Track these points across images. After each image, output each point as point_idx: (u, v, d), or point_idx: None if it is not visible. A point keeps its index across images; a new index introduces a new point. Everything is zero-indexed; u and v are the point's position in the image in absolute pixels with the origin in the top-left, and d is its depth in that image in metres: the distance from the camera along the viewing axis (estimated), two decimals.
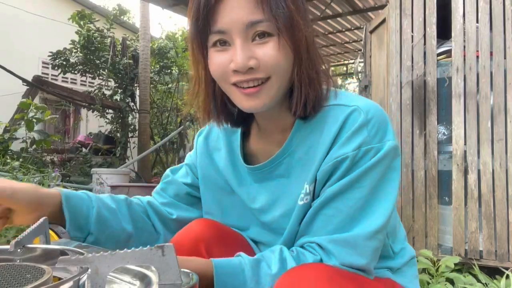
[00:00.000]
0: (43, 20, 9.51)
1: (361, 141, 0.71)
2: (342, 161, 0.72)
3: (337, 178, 0.72)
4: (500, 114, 2.24)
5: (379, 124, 0.73)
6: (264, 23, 0.69)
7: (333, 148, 0.73)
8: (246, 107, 0.74)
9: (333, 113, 0.76)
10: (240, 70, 0.70)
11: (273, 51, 0.70)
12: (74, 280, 0.45)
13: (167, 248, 0.48)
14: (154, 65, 8.82)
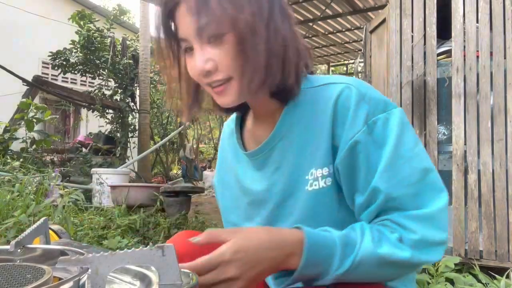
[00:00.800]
0: (43, 20, 9.50)
1: (365, 115, 0.70)
2: (355, 146, 0.70)
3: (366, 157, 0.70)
4: (500, 114, 2.24)
5: (372, 94, 0.73)
6: (210, 26, 0.70)
7: (337, 128, 0.72)
8: (221, 103, 0.76)
9: (323, 93, 0.75)
10: (200, 74, 0.72)
11: (225, 50, 0.71)
12: (74, 280, 0.45)
13: (167, 248, 0.48)
14: (154, 65, 8.82)
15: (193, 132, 12.25)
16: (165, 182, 7.25)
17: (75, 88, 8.78)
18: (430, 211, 0.67)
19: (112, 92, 8.19)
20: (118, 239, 2.72)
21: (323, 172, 0.74)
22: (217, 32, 0.70)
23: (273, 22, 0.73)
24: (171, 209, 3.88)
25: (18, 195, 2.78)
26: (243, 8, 0.70)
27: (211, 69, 0.71)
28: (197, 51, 0.72)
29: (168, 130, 9.53)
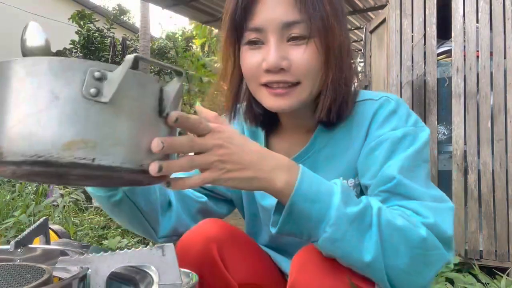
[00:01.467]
0: (43, 20, 9.51)
1: (395, 124, 0.72)
2: (381, 142, 0.71)
3: (384, 157, 0.69)
4: (500, 114, 2.24)
5: (408, 111, 0.75)
6: (300, 25, 0.68)
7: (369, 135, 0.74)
8: (272, 106, 0.73)
9: (361, 109, 0.76)
10: (272, 69, 0.69)
11: (306, 55, 0.69)
12: (74, 280, 0.45)
13: (167, 248, 0.48)
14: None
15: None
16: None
17: None
18: (442, 206, 0.67)
19: None
20: (118, 239, 2.72)
21: (354, 181, 0.76)
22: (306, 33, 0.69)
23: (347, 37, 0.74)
24: None
25: (18, 195, 2.78)
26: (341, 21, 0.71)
27: (285, 67, 0.69)
28: (274, 46, 0.69)
29: None
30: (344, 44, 0.73)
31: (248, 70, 0.73)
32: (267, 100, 0.73)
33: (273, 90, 0.71)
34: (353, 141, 0.76)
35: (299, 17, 0.68)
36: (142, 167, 0.49)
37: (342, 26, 0.72)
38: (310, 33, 0.68)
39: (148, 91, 0.51)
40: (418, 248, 0.61)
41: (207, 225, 0.81)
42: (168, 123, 0.53)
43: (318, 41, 0.69)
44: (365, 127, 0.75)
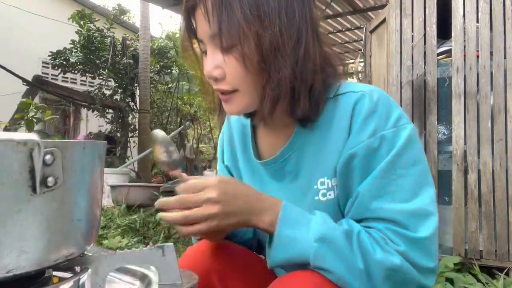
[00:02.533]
0: (43, 19, 9.50)
1: (374, 128, 0.68)
2: (356, 155, 0.68)
3: (360, 171, 0.68)
4: (500, 114, 2.24)
5: (388, 108, 0.70)
6: (220, 36, 0.67)
7: (349, 138, 0.70)
8: (226, 111, 0.75)
9: (341, 102, 0.73)
10: (209, 78, 0.72)
11: (237, 63, 0.68)
12: (74, 280, 0.45)
13: (167, 248, 0.48)
14: (154, 65, 8.82)
15: (193, 132, 12.26)
16: (165, 182, 7.25)
17: (75, 88, 8.78)
18: (417, 237, 0.64)
19: (112, 92, 8.18)
20: (118, 239, 2.72)
21: (335, 181, 0.73)
22: (230, 42, 0.67)
23: (302, 44, 0.69)
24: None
25: None
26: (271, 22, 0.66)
27: (218, 76, 0.70)
28: (209, 56, 0.71)
29: (168, 130, 9.53)
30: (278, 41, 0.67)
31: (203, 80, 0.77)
32: (223, 104, 0.76)
33: (221, 96, 0.74)
34: (333, 138, 0.72)
35: (215, 30, 0.68)
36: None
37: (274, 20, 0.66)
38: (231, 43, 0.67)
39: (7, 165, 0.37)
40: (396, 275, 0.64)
41: (206, 251, 0.79)
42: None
43: (245, 47, 0.67)
44: (345, 124, 0.71)
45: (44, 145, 0.38)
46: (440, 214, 2.40)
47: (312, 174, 0.76)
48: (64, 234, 0.42)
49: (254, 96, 0.71)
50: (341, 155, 0.71)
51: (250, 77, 0.69)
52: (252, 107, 0.73)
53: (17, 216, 0.37)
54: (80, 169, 0.43)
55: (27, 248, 0.38)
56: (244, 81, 0.70)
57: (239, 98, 0.72)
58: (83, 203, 0.44)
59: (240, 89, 0.71)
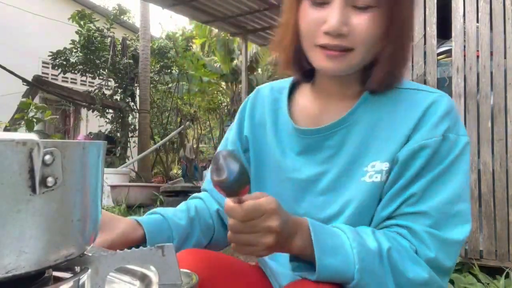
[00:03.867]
0: (43, 20, 9.51)
1: (445, 129, 0.70)
2: (422, 149, 0.70)
3: (422, 164, 0.70)
4: (500, 114, 2.24)
5: (457, 116, 0.74)
6: None
7: (416, 131, 0.71)
8: (324, 68, 0.73)
9: (413, 97, 0.75)
10: (332, 33, 0.68)
11: (368, 24, 0.68)
12: (74, 280, 0.45)
13: (167, 248, 0.48)
14: (154, 65, 8.82)
15: (193, 132, 12.26)
16: (165, 182, 7.25)
17: (75, 88, 8.79)
18: (450, 238, 0.67)
19: (112, 92, 8.19)
20: None
21: (386, 166, 0.72)
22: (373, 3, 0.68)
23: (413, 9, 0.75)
24: None
25: None
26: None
27: (345, 33, 0.68)
28: (338, 9, 0.68)
29: (168, 130, 9.53)
30: (410, 18, 0.74)
31: (306, 28, 0.72)
32: (320, 61, 0.72)
33: (328, 51, 0.70)
34: (397, 126, 0.73)
35: None
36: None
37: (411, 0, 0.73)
38: (377, 3, 0.68)
39: (7, 166, 0.36)
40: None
41: (185, 261, 0.72)
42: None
43: (384, 12, 0.69)
44: (414, 118, 0.72)
45: (44, 145, 0.38)
46: None
47: (362, 154, 0.75)
48: (64, 234, 0.42)
49: (365, 58, 0.72)
50: (404, 144, 0.71)
51: (371, 42, 0.70)
52: (355, 68, 0.74)
53: (16, 216, 0.37)
54: (80, 169, 0.43)
55: (27, 248, 0.38)
56: (365, 43, 0.70)
57: (351, 57, 0.71)
58: (83, 203, 0.44)
59: (357, 48, 0.70)
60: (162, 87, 9.75)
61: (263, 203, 0.59)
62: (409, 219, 0.69)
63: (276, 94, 0.88)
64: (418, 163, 0.70)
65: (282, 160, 0.82)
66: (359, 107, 0.76)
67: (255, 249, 0.62)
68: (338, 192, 0.76)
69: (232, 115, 11.33)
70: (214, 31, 9.64)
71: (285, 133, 0.83)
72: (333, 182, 0.76)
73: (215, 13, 6.23)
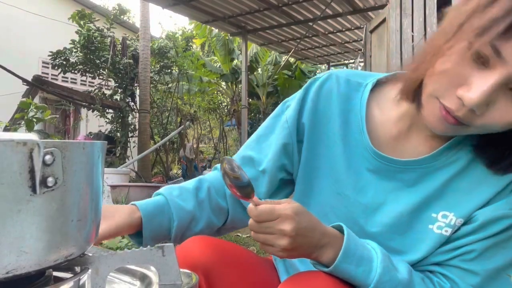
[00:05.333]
0: (43, 19, 9.50)
1: None
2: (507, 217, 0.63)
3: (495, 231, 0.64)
4: None
5: None
6: None
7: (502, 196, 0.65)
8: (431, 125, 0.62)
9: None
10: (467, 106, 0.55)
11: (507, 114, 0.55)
12: (74, 280, 0.45)
13: (167, 248, 0.48)
14: (154, 64, 8.82)
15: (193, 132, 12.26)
16: (165, 182, 7.25)
17: (75, 88, 8.79)
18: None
19: (112, 91, 8.19)
20: (118, 239, 2.71)
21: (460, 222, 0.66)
22: None
23: None
24: None
25: None
26: None
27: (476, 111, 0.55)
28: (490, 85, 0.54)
29: (168, 130, 9.53)
30: None
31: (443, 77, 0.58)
32: (431, 117, 0.61)
33: (446, 114, 0.58)
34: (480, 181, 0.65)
35: None
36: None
37: None
38: None
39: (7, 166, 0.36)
40: None
41: (192, 247, 0.73)
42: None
43: None
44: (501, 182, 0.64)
45: (44, 145, 0.38)
46: None
47: (435, 200, 0.68)
48: (64, 234, 0.42)
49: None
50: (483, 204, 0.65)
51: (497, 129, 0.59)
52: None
53: (16, 216, 0.37)
54: (80, 169, 0.43)
55: (27, 249, 0.38)
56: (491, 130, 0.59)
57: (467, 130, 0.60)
58: (83, 203, 0.44)
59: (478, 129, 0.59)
60: (162, 87, 9.75)
61: (278, 207, 0.61)
62: (458, 274, 0.66)
63: (351, 91, 0.76)
64: (493, 229, 0.64)
65: (344, 173, 0.73)
66: (444, 151, 0.68)
67: (272, 249, 0.63)
68: (398, 230, 0.70)
69: (232, 115, 11.34)
70: (214, 31, 9.64)
71: (355, 143, 0.73)
72: (394, 218, 0.70)
73: (215, 13, 6.23)
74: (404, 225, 0.70)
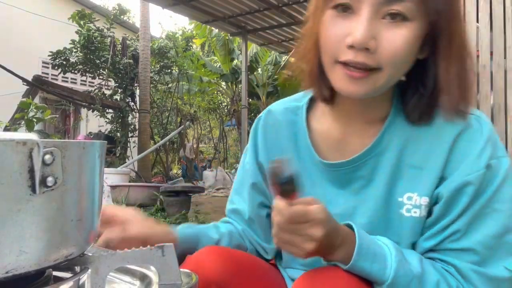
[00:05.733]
0: (43, 19, 9.51)
1: (488, 157, 0.63)
2: (469, 183, 0.63)
3: (467, 201, 0.64)
4: (500, 113, 2.24)
5: (495, 136, 0.66)
6: (404, 3, 0.57)
7: (452, 160, 0.65)
8: (345, 90, 0.63)
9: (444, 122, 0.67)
10: (356, 47, 0.58)
11: (402, 40, 0.58)
12: (74, 280, 0.45)
13: (167, 248, 0.48)
14: (154, 64, 8.83)
15: (193, 132, 12.26)
16: (165, 182, 7.25)
17: (75, 88, 8.79)
18: (499, 276, 0.63)
19: (112, 91, 8.19)
20: None
21: (425, 201, 0.67)
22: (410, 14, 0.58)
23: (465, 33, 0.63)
24: (171, 209, 3.88)
25: None
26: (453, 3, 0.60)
27: (371, 47, 0.59)
28: (366, 19, 0.58)
29: (168, 130, 9.54)
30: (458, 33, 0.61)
31: (328, 41, 0.62)
32: (340, 82, 0.63)
33: (350, 72, 0.61)
34: (428, 153, 0.66)
35: None
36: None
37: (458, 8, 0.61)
38: (414, 15, 0.58)
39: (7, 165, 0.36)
40: None
41: (205, 260, 0.70)
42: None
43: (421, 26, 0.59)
44: (445, 148, 0.65)
45: (44, 145, 0.38)
46: None
47: (396, 183, 0.69)
48: (64, 234, 0.42)
49: (393, 79, 0.64)
50: (440, 176, 0.66)
51: (403, 59, 0.61)
52: (381, 91, 0.64)
53: (16, 216, 0.37)
54: (80, 169, 0.43)
55: (27, 248, 0.38)
56: (395, 61, 0.60)
57: (376, 79, 0.61)
58: (83, 203, 0.44)
59: (385, 69, 0.61)
60: (162, 87, 9.75)
61: (312, 210, 0.58)
62: (453, 255, 0.65)
63: (292, 116, 0.79)
64: (463, 200, 0.64)
65: (311, 191, 0.73)
66: (385, 132, 0.69)
67: (295, 251, 0.61)
68: (379, 226, 0.71)
69: (232, 115, 11.34)
70: (214, 31, 9.64)
71: (310, 162, 0.75)
72: (371, 216, 0.71)
73: (215, 13, 6.23)
74: (382, 219, 0.70)
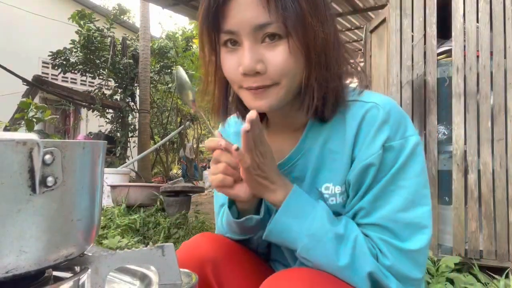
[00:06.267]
0: (43, 19, 9.50)
1: (385, 139, 0.69)
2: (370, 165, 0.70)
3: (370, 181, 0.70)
4: (500, 114, 2.24)
5: (399, 119, 0.71)
6: (273, 25, 0.65)
7: (356, 147, 0.72)
8: (253, 106, 0.71)
9: (352, 110, 0.73)
10: (248, 73, 0.68)
11: (282, 56, 0.67)
12: (74, 280, 0.45)
13: (167, 248, 0.48)
14: (154, 64, 8.82)
15: (193, 132, 12.26)
16: (165, 182, 7.25)
17: (75, 88, 8.79)
18: (408, 248, 0.68)
19: (112, 91, 8.19)
20: (118, 238, 2.72)
21: (338, 190, 0.74)
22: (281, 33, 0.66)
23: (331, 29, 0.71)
24: (171, 209, 3.88)
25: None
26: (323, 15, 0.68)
27: (260, 70, 0.67)
28: (247, 49, 0.67)
29: (168, 130, 9.53)
30: (327, 39, 0.70)
31: (228, 74, 0.72)
32: (249, 101, 0.72)
33: (253, 90, 0.70)
34: (340, 144, 0.74)
35: (269, 18, 0.65)
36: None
37: (325, 20, 0.69)
38: (285, 33, 0.66)
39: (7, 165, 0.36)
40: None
41: (201, 242, 0.79)
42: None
43: (296, 39, 0.66)
44: (351, 135, 0.72)
45: (44, 145, 0.38)
46: (440, 214, 2.37)
47: (316, 176, 0.77)
48: (64, 234, 0.42)
49: (291, 89, 0.71)
50: (351, 164, 0.73)
51: (292, 72, 0.68)
52: (286, 100, 0.72)
53: (16, 216, 0.37)
54: (80, 169, 0.43)
55: (27, 248, 0.38)
56: (285, 74, 0.68)
57: (276, 91, 0.69)
58: (83, 203, 0.44)
59: (281, 82, 0.69)
60: (162, 87, 9.75)
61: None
62: (364, 227, 0.71)
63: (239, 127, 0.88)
64: (366, 181, 0.70)
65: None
66: (307, 135, 0.77)
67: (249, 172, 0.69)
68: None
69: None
70: None
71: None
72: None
73: None
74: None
